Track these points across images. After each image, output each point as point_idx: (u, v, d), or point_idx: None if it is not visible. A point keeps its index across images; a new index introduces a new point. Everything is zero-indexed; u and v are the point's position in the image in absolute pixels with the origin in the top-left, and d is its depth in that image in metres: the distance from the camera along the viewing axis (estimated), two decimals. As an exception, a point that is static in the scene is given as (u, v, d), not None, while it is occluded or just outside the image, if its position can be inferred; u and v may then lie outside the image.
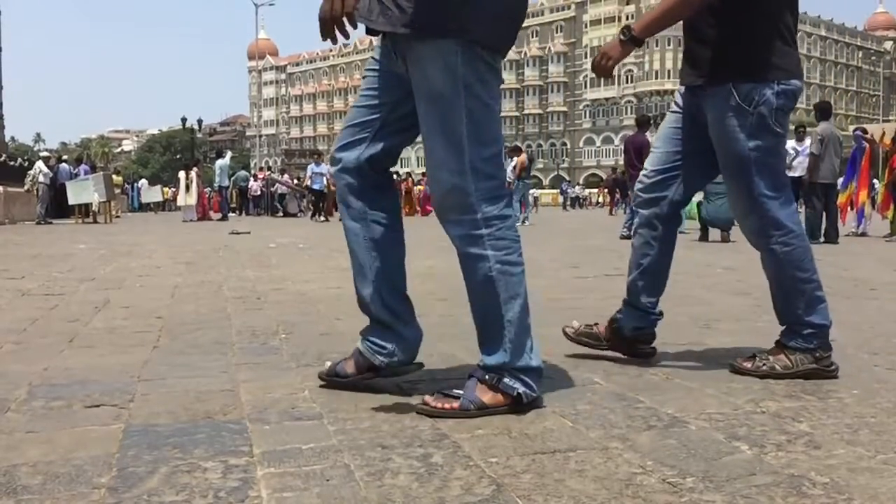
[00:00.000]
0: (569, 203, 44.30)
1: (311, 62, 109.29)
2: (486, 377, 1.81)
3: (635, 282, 2.42)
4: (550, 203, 46.85)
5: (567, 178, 67.70)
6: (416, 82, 1.81)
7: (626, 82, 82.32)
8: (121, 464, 1.47)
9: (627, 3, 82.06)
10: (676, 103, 2.40)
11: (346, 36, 1.70)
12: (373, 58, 1.98)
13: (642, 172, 2.43)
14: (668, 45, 78.74)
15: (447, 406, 1.78)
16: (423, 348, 2.60)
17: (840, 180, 10.48)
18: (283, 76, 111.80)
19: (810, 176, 9.60)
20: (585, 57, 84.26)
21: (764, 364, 2.19)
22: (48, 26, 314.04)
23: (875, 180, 11.17)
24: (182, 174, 19.18)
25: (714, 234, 9.69)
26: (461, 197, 1.78)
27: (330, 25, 1.67)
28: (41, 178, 16.75)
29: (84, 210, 16.93)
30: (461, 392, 1.80)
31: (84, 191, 16.59)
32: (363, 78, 2.01)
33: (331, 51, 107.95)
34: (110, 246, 8.55)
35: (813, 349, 2.19)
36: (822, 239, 9.27)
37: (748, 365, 2.21)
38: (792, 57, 2.21)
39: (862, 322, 3.22)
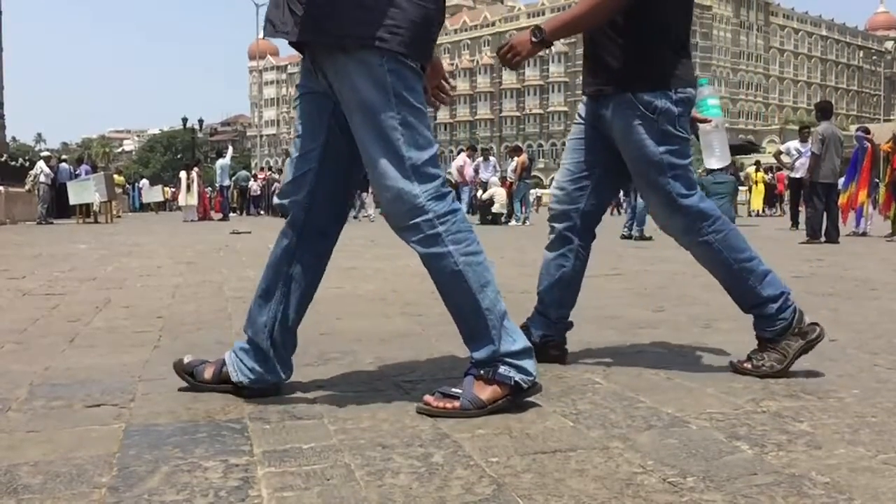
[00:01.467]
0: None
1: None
2: (481, 372, 1.81)
3: (547, 293, 2.41)
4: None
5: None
6: (345, 95, 1.81)
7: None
8: (121, 463, 1.47)
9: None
10: (579, 114, 2.43)
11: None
12: (296, 85, 1.99)
13: (553, 186, 2.48)
14: (669, 44, 78.76)
15: (448, 406, 1.78)
16: (425, 347, 2.60)
17: (841, 180, 10.48)
18: (283, 76, 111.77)
19: (811, 176, 9.60)
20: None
21: (762, 364, 2.19)
22: (49, 26, 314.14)
23: (877, 180, 11.16)
24: (183, 174, 19.18)
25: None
26: (410, 200, 1.79)
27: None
28: (42, 179, 16.76)
29: (85, 210, 16.94)
30: (460, 391, 1.80)
31: (85, 191, 16.60)
32: (294, 108, 2.01)
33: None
34: (111, 246, 8.56)
35: (789, 324, 2.21)
36: (822, 239, 9.27)
37: (748, 365, 2.21)
38: (687, 66, 2.25)
39: (862, 322, 3.21)
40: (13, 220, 16.36)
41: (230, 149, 24.75)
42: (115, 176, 23.24)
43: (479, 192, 16.29)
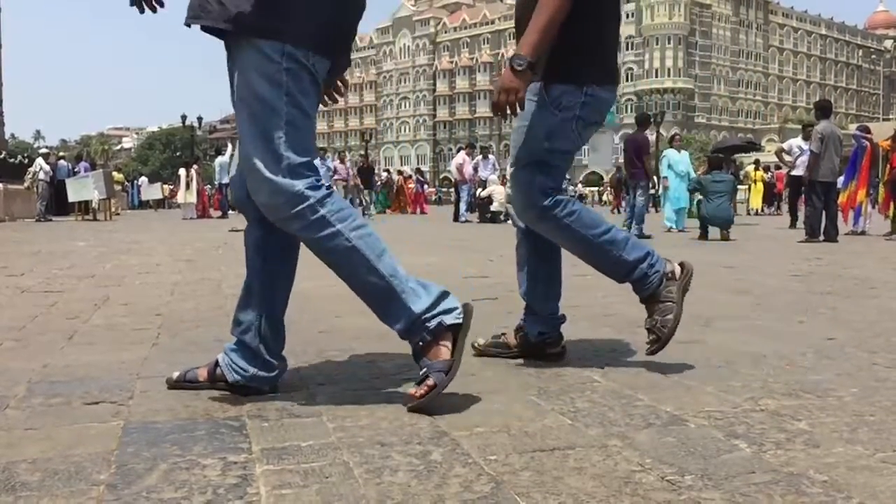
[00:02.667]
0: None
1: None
2: (420, 342, 1.81)
3: (530, 293, 2.41)
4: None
5: (567, 177, 67.51)
6: (238, 83, 1.81)
7: (626, 81, 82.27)
8: (120, 461, 1.47)
9: (628, 1, 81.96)
10: None
11: (142, 10, 1.80)
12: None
13: (507, 187, 2.49)
14: (669, 43, 78.82)
15: (427, 388, 1.77)
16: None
17: (840, 179, 10.48)
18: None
19: (810, 174, 9.60)
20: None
21: (663, 323, 2.21)
22: (48, 23, 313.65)
23: (876, 179, 11.16)
24: (182, 171, 19.16)
25: (714, 232, 9.69)
26: (288, 190, 1.78)
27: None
28: (41, 176, 16.75)
29: (84, 207, 16.93)
30: (425, 370, 1.80)
31: (84, 188, 16.59)
32: None
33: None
34: (110, 243, 8.55)
35: (661, 275, 2.26)
36: (821, 237, 9.28)
37: (653, 338, 2.23)
38: (605, 64, 2.25)
39: (861, 321, 3.22)
40: (12, 217, 16.35)
41: (229, 146, 24.73)
42: (114, 173, 23.25)
43: (479, 190, 16.28)
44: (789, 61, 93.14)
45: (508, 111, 2.06)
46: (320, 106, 1.98)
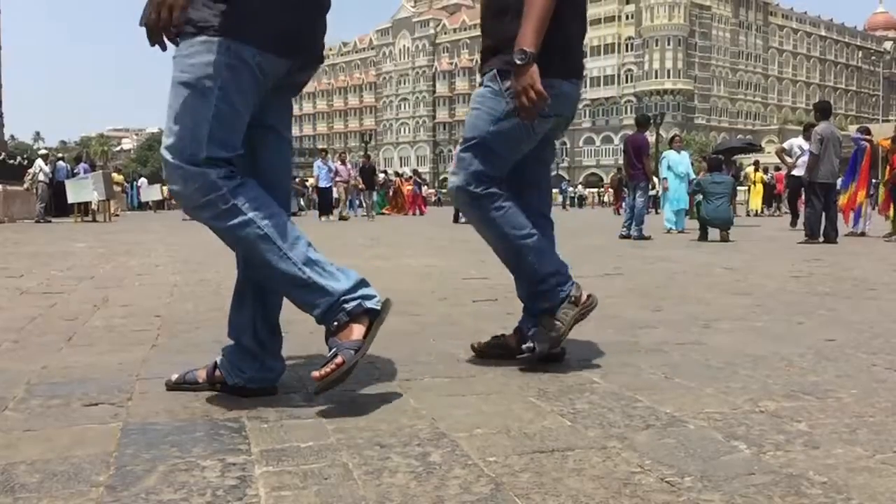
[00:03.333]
0: (568, 202, 44.34)
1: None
2: (335, 323, 1.80)
3: (524, 291, 2.41)
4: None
5: (566, 178, 67.71)
6: (175, 67, 1.79)
7: (626, 82, 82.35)
8: (119, 462, 1.47)
9: (627, 3, 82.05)
10: None
11: (164, 48, 1.72)
12: None
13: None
14: (668, 44, 78.86)
15: (333, 367, 1.76)
16: (424, 347, 2.60)
17: (840, 180, 10.48)
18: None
19: (809, 175, 9.61)
20: (585, 56, 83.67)
21: (546, 338, 2.22)
22: (48, 24, 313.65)
23: (875, 180, 11.17)
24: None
25: (713, 233, 9.69)
26: (201, 178, 1.78)
27: (158, 34, 1.69)
28: (41, 177, 16.75)
29: (83, 209, 16.93)
30: (335, 350, 1.79)
31: (83, 189, 16.58)
32: None
33: (330, 50, 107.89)
34: (109, 244, 8.55)
35: (566, 295, 2.26)
36: (821, 238, 9.28)
37: (531, 344, 2.24)
38: (565, 57, 2.22)
39: (861, 322, 3.22)
40: (11, 218, 16.35)
41: None
42: (114, 174, 23.22)
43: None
44: (789, 62, 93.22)
45: (536, 110, 2.08)
46: (322, 107, 1.98)
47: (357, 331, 1.79)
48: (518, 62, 2.05)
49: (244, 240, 1.81)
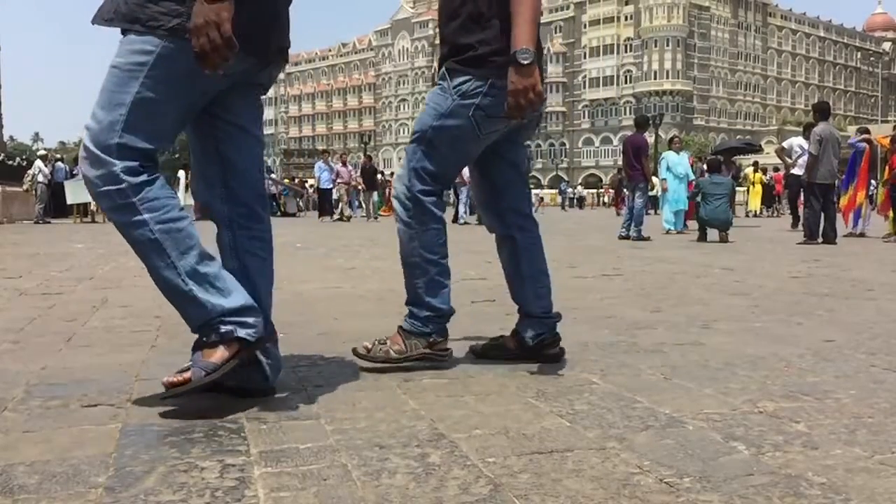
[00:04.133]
0: (567, 203, 44.36)
1: (309, 62, 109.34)
2: (204, 339, 1.79)
3: (519, 293, 2.42)
4: (549, 203, 46.97)
5: (566, 179, 67.80)
6: (117, 52, 1.79)
7: (625, 83, 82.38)
8: (118, 463, 1.47)
9: (626, 4, 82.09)
10: None
11: (228, 59, 1.69)
12: None
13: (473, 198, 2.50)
14: (667, 45, 78.90)
15: (179, 380, 1.76)
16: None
17: (838, 182, 10.49)
18: (281, 76, 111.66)
19: (808, 176, 9.61)
20: (584, 57, 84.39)
21: (380, 350, 2.23)
22: (47, 24, 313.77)
23: (873, 181, 11.18)
24: (181, 174, 19.15)
25: (713, 234, 9.70)
26: (106, 166, 1.76)
27: (213, 57, 1.67)
28: (40, 178, 16.74)
29: (83, 209, 16.92)
30: (191, 364, 1.79)
31: (82, 190, 16.48)
32: None
33: (330, 50, 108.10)
34: (108, 245, 8.54)
35: (428, 333, 2.25)
36: (820, 239, 9.29)
37: (363, 351, 2.24)
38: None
39: (860, 322, 3.22)
40: (10, 219, 16.35)
41: None
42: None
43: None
44: (788, 63, 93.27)
45: (530, 111, 2.08)
46: (321, 108, 1.98)
47: (220, 354, 1.78)
48: (523, 61, 2.03)
49: (134, 239, 1.79)
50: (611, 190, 32.61)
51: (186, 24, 1.71)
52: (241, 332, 1.79)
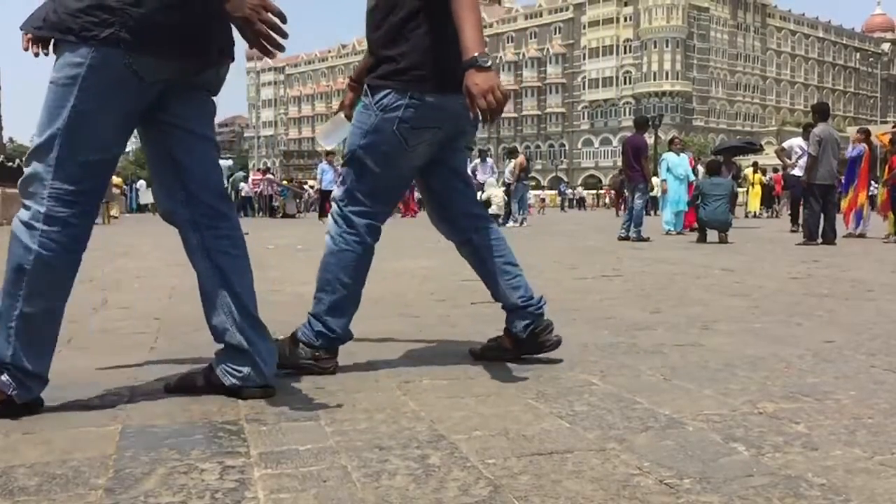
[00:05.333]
0: (567, 204, 44.38)
1: (309, 63, 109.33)
2: None
3: (495, 290, 2.42)
4: (548, 204, 47.02)
5: (565, 180, 67.79)
6: (54, 65, 1.80)
7: (625, 84, 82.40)
8: (118, 465, 1.47)
9: (626, 5, 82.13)
10: None
11: (284, 36, 1.71)
12: None
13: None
14: (667, 46, 78.92)
15: None
16: (423, 349, 2.60)
17: (840, 182, 10.49)
18: (281, 77, 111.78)
19: (808, 177, 9.62)
20: (584, 58, 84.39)
21: (299, 355, 2.24)
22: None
23: (874, 182, 11.19)
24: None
25: (712, 235, 9.70)
26: (37, 187, 1.79)
27: (272, 40, 1.69)
28: (39, 180, 16.71)
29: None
30: None
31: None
32: None
33: (329, 52, 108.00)
34: (108, 247, 8.54)
35: (316, 347, 2.25)
36: (819, 240, 9.29)
37: (290, 340, 2.26)
38: (443, 70, 2.15)
39: (859, 323, 3.22)
40: (10, 220, 16.32)
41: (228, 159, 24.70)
42: (113, 177, 23.21)
43: (480, 194, 16.27)
44: (787, 64, 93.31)
45: (500, 111, 2.04)
46: (321, 109, 1.98)
47: None
48: (484, 64, 2.01)
49: (12, 255, 1.79)
50: (612, 191, 32.60)
51: (119, 33, 1.73)
52: (14, 392, 1.77)
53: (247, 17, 1.69)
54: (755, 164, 23.66)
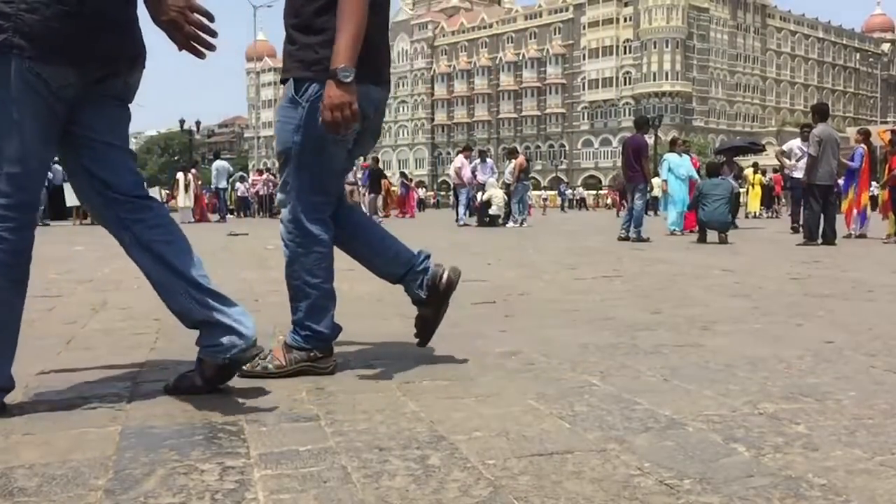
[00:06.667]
0: (567, 204, 44.39)
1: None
2: None
3: (380, 268, 2.41)
4: (549, 204, 47.04)
5: (565, 180, 67.78)
6: None
7: (624, 84, 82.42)
8: (118, 466, 1.46)
9: (626, 5, 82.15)
10: None
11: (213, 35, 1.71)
12: None
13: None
14: (666, 46, 78.95)
15: None
16: (423, 349, 2.60)
17: (841, 182, 10.50)
18: (280, 78, 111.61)
19: (808, 177, 9.62)
20: (584, 59, 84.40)
21: (258, 365, 2.20)
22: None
23: (874, 182, 11.19)
24: (180, 176, 19.16)
25: (712, 235, 9.70)
26: None
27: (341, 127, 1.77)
28: (40, 180, 16.70)
29: (82, 212, 16.90)
30: None
31: (82, 192, 16.55)
32: None
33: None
34: (108, 247, 8.52)
35: (309, 349, 2.23)
36: (819, 241, 9.29)
37: (245, 366, 2.18)
38: (369, 63, 2.12)
39: (859, 324, 3.22)
40: None
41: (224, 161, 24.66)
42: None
43: (480, 195, 16.25)
44: (787, 64, 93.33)
45: (344, 129, 2.03)
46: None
47: None
48: (344, 79, 1.98)
49: None
50: (615, 193, 32.61)
51: (13, 39, 1.72)
52: None
53: (173, 20, 1.67)
54: (755, 165, 23.66)
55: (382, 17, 2.26)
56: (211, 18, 1.70)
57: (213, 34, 1.72)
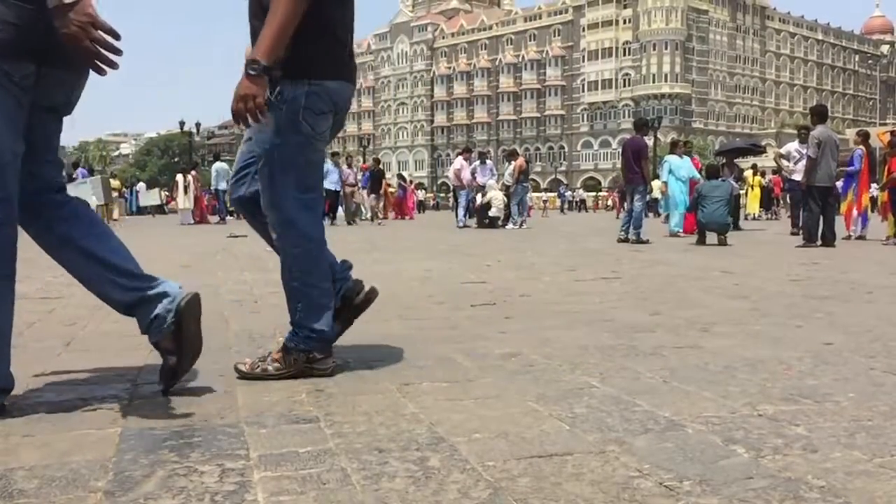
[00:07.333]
0: (566, 206, 44.41)
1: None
2: None
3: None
4: (548, 206, 47.03)
5: (565, 182, 67.81)
6: None
7: (624, 86, 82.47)
8: (117, 467, 1.47)
9: (625, 7, 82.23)
10: None
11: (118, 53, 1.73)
12: None
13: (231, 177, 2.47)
14: (666, 48, 79.03)
15: None
16: (422, 351, 2.60)
17: (839, 183, 10.50)
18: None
19: (807, 179, 9.62)
20: (583, 60, 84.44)
21: (258, 367, 2.22)
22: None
23: (874, 184, 11.20)
24: (180, 177, 19.18)
25: (711, 237, 9.70)
26: None
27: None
28: (39, 182, 16.72)
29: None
30: None
31: (82, 194, 16.53)
32: None
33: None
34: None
35: (308, 350, 2.24)
36: (818, 242, 9.29)
37: (244, 368, 2.22)
38: (334, 58, 2.16)
39: (859, 325, 3.22)
40: None
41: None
42: (112, 180, 23.21)
43: (480, 196, 16.25)
44: (786, 66, 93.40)
45: (250, 120, 2.02)
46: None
47: None
48: (251, 73, 1.98)
49: None
50: (615, 194, 32.60)
51: None
52: None
53: (73, 35, 1.65)
54: (754, 167, 23.67)
55: (349, 13, 2.26)
56: (117, 37, 1.69)
57: (118, 52, 1.71)
